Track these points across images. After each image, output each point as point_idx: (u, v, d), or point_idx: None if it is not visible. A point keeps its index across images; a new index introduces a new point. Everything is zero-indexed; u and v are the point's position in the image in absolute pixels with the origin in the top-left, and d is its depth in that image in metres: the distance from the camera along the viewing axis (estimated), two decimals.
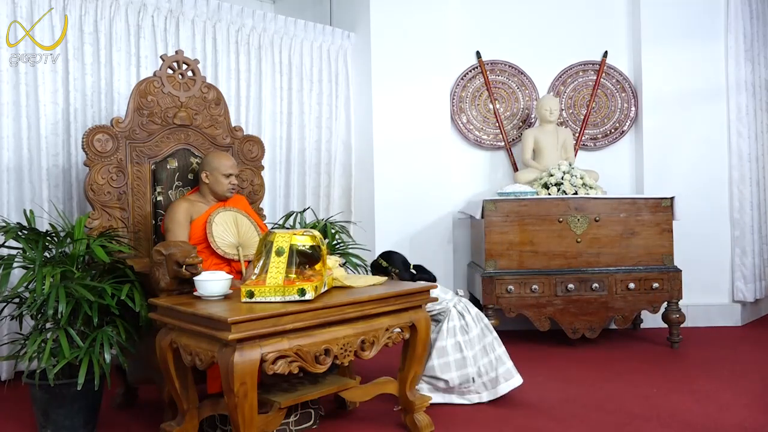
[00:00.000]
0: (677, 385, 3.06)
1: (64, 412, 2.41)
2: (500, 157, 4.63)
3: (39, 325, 2.41)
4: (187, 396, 2.24)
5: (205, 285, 2.19)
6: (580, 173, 3.97)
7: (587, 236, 3.80)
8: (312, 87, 4.48)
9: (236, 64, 4.04)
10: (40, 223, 2.94)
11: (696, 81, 4.44)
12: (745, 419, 2.58)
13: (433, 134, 4.51)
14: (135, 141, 2.90)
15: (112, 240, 2.62)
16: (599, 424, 2.56)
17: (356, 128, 4.69)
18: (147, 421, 2.67)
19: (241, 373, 1.89)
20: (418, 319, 2.44)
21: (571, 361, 3.54)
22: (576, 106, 4.62)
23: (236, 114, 4.01)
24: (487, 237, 3.78)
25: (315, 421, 2.52)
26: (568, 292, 3.74)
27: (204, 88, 3.16)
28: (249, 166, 3.34)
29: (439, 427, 2.53)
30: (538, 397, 2.90)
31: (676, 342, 3.79)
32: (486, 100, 4.61)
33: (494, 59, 4.59)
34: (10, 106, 3.19)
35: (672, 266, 3.80)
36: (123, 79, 3.52)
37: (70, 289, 2.33)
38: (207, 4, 3.87)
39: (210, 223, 2.72)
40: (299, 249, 2.17)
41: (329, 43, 4.57)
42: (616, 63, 4.59)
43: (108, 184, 2.79)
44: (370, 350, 2.26)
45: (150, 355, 2.34)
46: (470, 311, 2.95)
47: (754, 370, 3.31)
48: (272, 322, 1.97)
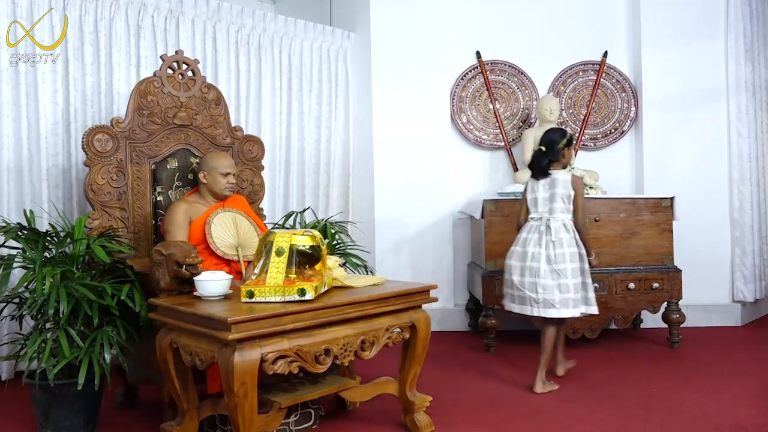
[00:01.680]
0: (677, 385, 3.06)
1: (64, 412, 2.41)
2: (500, 157, 4.63)
3: (39, 325, 2.41)
4: (187, 396, 2.24)
5: (205, 285, 2.19)
6: (580, 173, 3.97)
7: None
8: (312, 87, 4.48)
9: (236, 64, 4.04)
10: (40, 223, 2.94)
11: (696, 81, 4.44)
12: (745, 419, 2.58)
13: (433, 134, 4.51)
14: (135, 141, 2.90)
15: (112, 240, 2.62)
16: (599, 424, 2.56)
17: (356, 128, 4.70)
18: (147, 421, 2.67)
19: (241, 373, 1.89)
20: (418, 319, 2.44)
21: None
22: (576, 106, 4.62)
23: (236, 114, 4.01)
24: (487, 237, 3.78)
25: (315, 421, 2.52)
26: None
27: (204, 88, 3.16)
28: (249, 166, 3.34)
29: (439, 427, 2.53)
30: (539, 397, 2.90)
31: (676, 342, 3.79)
32: (486, 100, 4.61)
33: (494, 59, 4.59)
34: (10, 106, 3.19)
35: (672, 266, 3.80)
36: (123, 79, 3.52)
37: (71, 289, 2.33)
38: (207, 4, 3.87)
39: (209, 224, 2.72)
40: (299, 249, 2.17)
41: (329, 43, 4.57)
42: (616, 63, 4.59)
43: (108, 184, 2.79)
44: (370, 350, 2.26)
45: (150, 355, 2.34)
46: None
47: (754, 370, 3.31)
48: (272, 322, 1.98)
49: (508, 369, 3.43)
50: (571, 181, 3.04)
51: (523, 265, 3.03)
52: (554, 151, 3.06)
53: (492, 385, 3.13)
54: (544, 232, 3.01)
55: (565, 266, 2.96)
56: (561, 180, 3.03)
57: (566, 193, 3.02)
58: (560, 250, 2.97)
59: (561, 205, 3.02)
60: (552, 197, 3.03)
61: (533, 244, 3.02)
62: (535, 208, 3.09)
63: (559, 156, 3.06)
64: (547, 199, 3.05)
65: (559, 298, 2.95)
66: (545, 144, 3.09)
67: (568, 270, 2.96)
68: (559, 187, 3.02)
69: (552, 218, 3.01)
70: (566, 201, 3.02)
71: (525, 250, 3.04)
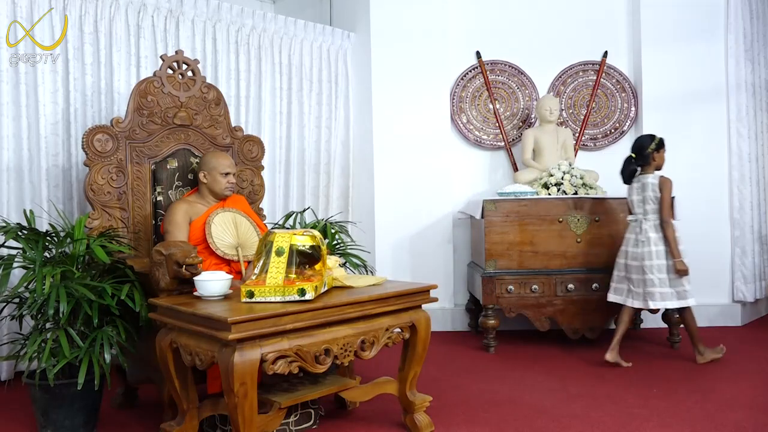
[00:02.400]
0: (677, 385, 3.06)
1: (64, 412, 2.41)
2: (500, 157, 4.63)
3: (39, 325, 2.41)
4: (187, 396, 2.24)
5: (205, 285, 2.19)
6: (580, 173, 3.97)
7: (587, 236, 3.80)
8: (312, 87, 4.48)
9: (236, 64, 4.04)
10: (39, 223, 2.95)
11: (696, 81, 4.44)
12: (745, 419, 2.58)
13: (433, 134, 4.51)
14: (135, 141, 2.90)
15: (112, 240, 2.62)
16: (599, 423, 2.56)
17: (356, 128, 4.70)
18: (147, 421, 2.67)
19: (241, 373, 1.89)
20: (418, 319, 2.44)
21: (571, 361, 3.54)
22: (576, 106, 4.62)
23: (236, 114, 4.01)
24: (487, 237, 3.79)
25: (315, 421, 2.52)
26: (568, 292, 3.75)
27: (204, 88, 3.16)
28: (249, 166, 3.34)
29: (439, 427, 2.53)
30: (538, 397, 2.90)
31: (676, 342, 3.79)
32: (486, 100, 4.61)
33: (494, 59, 4.60)
34: (10, 106, 3.19)
35: None
36: (123, 79, 3.52)
37: (71, 288, 2.33)
38: (207, 4, 3.87)
39: (209, 224, 2.72)
40: (299, 249, 2.17)
41: (329, 43, 4.57)
42: (616, 63, 4.59)
43: (108, 184, 2.79)
44: (370, 350, 2.26)
45: (150, 355, 2.34)
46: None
47: (754, 370, 3.31)
48: (272, 322, 1.98)
49: (508, 369, 3.43)
50: (659, 183, 3.38)
51: (623, 262, 3.48)
52: (643, 156, 3.44)
53: (492, 385, 3.13)
54: (639, 233, 3.40)
55: (651, 263, 3.32)
56: (650, 183, 3.40)
57: (654, 196, 3.39)
58: (648, 248, 3.34)
59: (652, 206, 3.39)
60: (644, 200, 3.42)
61: (631, 244, 3.44)
62: (632, 211, 3.52)
63: (649, 160, 3.43)
64: (640, 202, 3.44)
65: (648, 292, 3.34)
66: (634, 150, 3.49)
67: (654, 266, 3.31)
68: (649, 190, 3.40)
69: (645, 219, 3.40)
70: (655, 202, 3.38)
71: (626, 249, 3.48)
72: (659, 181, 3.38)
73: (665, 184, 3.37)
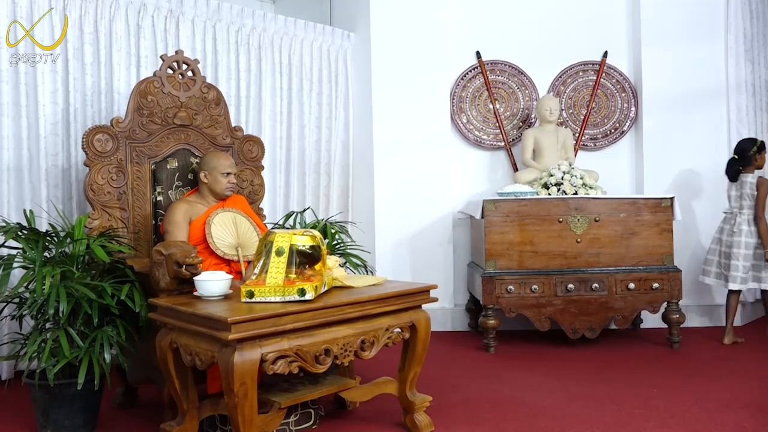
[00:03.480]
0: (677, 385, 3.06)
1: (64, 412, 2.41)
2: (500, 157, 4.63)
3: (39, 325, 2.41)
4: (187, 396, 2.24)
5: (205, 285, 2.19)
6: (580, 173, 3.97)
7: (587, 236, 3.80)
8: (312, 87, 4.48)
9: (236, 64, 4.04)
10: (39, 223, 2.94)
11: (696, 81, 4.44)
12: (745, 419, 2.58)
13: (433, 134, 4.51)
14: (135, 141, 2.90)
15: (112, 240, 2.62)
16: (599, 424, 2.56)
17: (356, 128, 4.70)
18: (147, 421, 2.67)
19: (241, 373, 1.89)
20: (418, 319, 2.44)
21: (571, 361, 3.54)
22: (576, 106, 4.62)
23: (236, 114, 4.01)
24: (487, 237, 3.79)
25: (315, 421, 2.52)
26: (568, 292, 3.75)
27: (204, 88, 3.16)
28: (249, 166, 3.34)
29: (439, 427, 2.53)
30: (538, 397, 2.90)
31: (676, 342, 3.79)
32: (486, 100, 4.61)
33: (494, 59, 4.60)
34: (10, 106, 3.19)
35: (672, 266, 3.80)
36: (123, 79, 3.52)
37: (70, 288, 2.33)
38: (207, 4, 3.87)
39: (209, 224, 2.72)
40: (299, 249, 2.17)
41: (329, 43, 4.57)
42: (616, 63, 4.59)
43: (108, 184, 2.79)
44: (370, 350, 2.26)
45: (150, 355, 2.34)
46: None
47: (754, 369, 3.31)
48: (272, 322, 1.98)
49: (508, 369, 3.43)
50: (756, 182, 3.79)
51: (716, 248, 3.95)
52: (746, 158, 3.82)
53: (492, 385, 3.13)
54: (733, 224, 3.85)
55: (739, 251, 3.78)
56: (748, 182, 3.81)
57: (751, 193, 3.81)
58: (738, 238, 3.80)
59: (747, 202, 3.82)
60: (741, 196, 3.85)
61: (726, 233, 3.89)
62: (729, 205, 3.95)
63: (751, 161, 3.81)
64: (737, 197, 3.87)
65: (733, 275, 3.79)
66: (737, 152, 3.86)
67: (741, 254, 3.77)
68: (746, 188, 3.82)
69: (739, 213, 3.84)
70: (751, 199, 3.81)
71: (720, 237, 3.95)
72: (757, 180, 3.78)
73: (762, 184, 3.76)
